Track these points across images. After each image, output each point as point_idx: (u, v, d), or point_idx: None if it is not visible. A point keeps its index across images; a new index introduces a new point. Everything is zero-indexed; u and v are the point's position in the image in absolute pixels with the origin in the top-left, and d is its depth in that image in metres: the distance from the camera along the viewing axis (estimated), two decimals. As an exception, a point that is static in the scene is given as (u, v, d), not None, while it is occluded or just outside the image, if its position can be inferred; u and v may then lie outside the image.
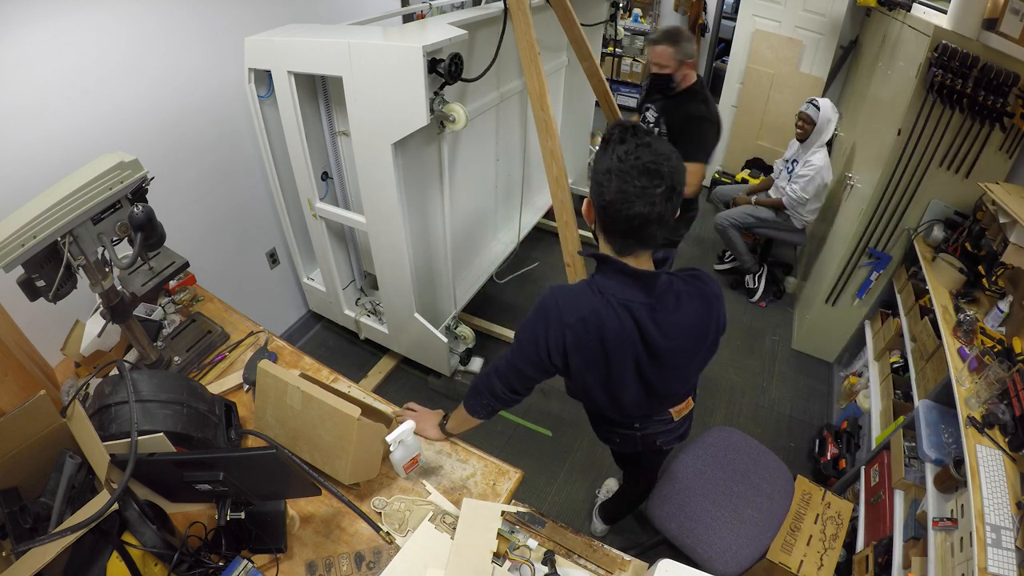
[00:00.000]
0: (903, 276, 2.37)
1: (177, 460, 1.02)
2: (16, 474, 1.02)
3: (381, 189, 1.90)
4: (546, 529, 1.25)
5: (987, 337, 1.73)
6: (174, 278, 1.51)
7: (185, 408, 1.24)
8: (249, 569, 1.06)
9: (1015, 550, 1.25)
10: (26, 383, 1.29)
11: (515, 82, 2.62)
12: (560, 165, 2.04)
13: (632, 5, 5.30)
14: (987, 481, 1.38)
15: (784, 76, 3.63)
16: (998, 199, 1.78)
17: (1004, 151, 2.02)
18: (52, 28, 1.49)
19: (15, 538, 0.93)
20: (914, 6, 2.49)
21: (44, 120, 1.53)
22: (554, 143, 2.01)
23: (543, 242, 3.66)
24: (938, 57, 1.95)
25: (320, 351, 2.83)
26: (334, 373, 1.62)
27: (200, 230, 2.17)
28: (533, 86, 1.93)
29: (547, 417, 2.55)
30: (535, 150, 3.23)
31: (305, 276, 2.66)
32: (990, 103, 1.92)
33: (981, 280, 1.92)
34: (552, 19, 2.55)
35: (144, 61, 1.75)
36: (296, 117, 1.94)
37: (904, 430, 1.85)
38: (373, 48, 1.63)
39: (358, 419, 1.17)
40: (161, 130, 1.88)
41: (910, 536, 1.60)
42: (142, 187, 1.26)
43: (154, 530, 0.99)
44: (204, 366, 1.62)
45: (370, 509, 1.25)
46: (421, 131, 1.74)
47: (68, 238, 1.15)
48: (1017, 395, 1.46)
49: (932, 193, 2.23)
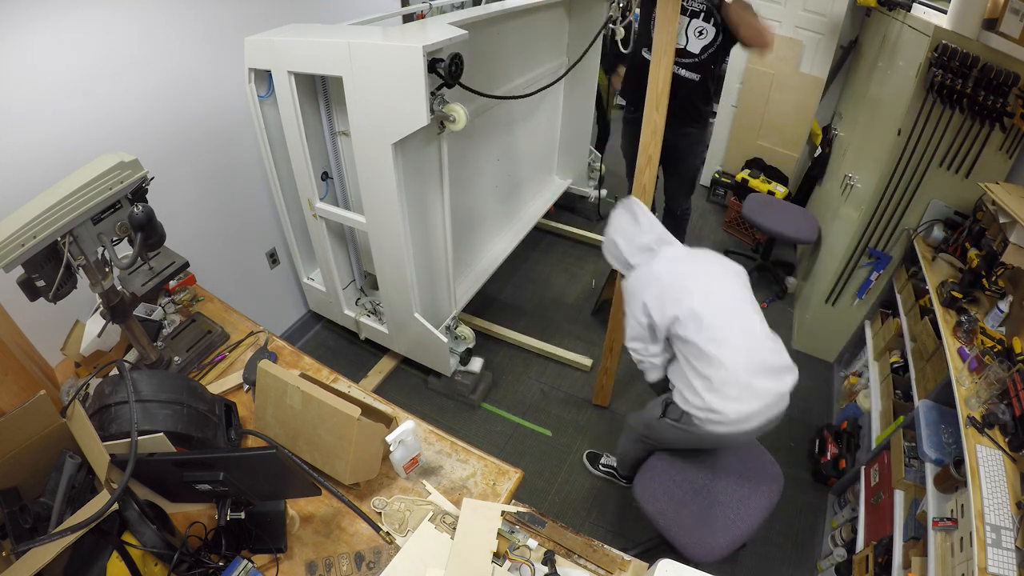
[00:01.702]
0: (903, 276, 2.37)
1: (177, 460, 1.02)
2: (16, 474, 1.02)
3: (381, 189, 1.90)
4: (546, 529, 1.25)
5: (987, 337, 1.73)
6: (174, 278, 1.51)
7: (185, 408, 1.24)
8: (249, 569, 1.07)
9: (1015, 550, 1.25)
10: (26, 383, 1.29)
11: (516, 81, 2.62)
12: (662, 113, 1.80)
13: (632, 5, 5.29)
14: (987, 481, 1.38)
15: (784, 76, 3.63)
16: (998, 199, 1.78)
17: (1004, 151, 2.02)
18: (53, 28, 1.49)
19: (15, 538, 0.93)
20: (914, 6, 2.49)
21: (44, 120, 1.53)
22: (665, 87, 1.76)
23: (543, 242, 3.66)
24: (938, 57, 1.95)
25: (320, 351, 2.83)
26: (334, 373, 1.62)
27: (200, 230, 2.17)
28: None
29: (547, 417, 2.55)
30: (535, 150, 3.24)
31: (305, 276, 2.66)
32: (990, 103, 1.92)
33: (981, 280, 1.92)
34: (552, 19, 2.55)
35: (144, 61, 1.75)
36: (296, 117, 1.94)
37: (904, 430, 1.85)
38: (373, 48, 1.63)
39: (358, 419, 1.17)
40: (161, 130, 1.88)
41: (910, 536, 1.60)
42: (142, 187, 1.26)
43: (154, 530, 0.99)
44: (204, 366, 1.62)
45: (370, 509, 1.25)
46: (421, 131, 1.74)
47: (68, 238, 1.15)
48: (1017, 395, 1.46)
49: (932, 193, 2.23)
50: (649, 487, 1.69)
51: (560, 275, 3.39)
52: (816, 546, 2.14)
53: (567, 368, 2.77)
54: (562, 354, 2.78)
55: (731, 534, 1.59)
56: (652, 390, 1.92)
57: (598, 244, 3.63)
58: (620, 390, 2.66)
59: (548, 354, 2.80)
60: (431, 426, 1.47)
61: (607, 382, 2.50)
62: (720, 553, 1.56)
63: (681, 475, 1.70)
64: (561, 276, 3.40)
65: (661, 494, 1.66)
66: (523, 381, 2.71)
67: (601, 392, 2.54)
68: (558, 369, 2.78)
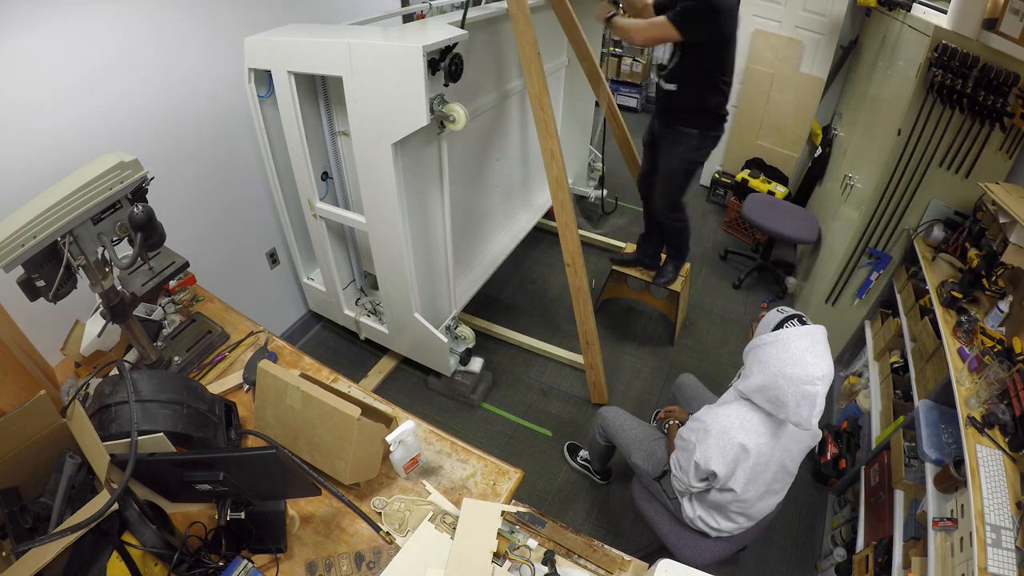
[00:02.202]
0: (903, 276, 2.37)
1: (177, 460, 1.02)
2: (16, 474, 1.02)
3: (381, 189, 1.90)
4: (546, 529, 1.25)
5: (987, 337, 1.73)
6: (174, 278, 1.51)
7: (185, 408, 1.24)
8: (249, 569, 1.07)
9: (1015, 550, 1.25)
10: (26, 383, 1.29)
11: (515, 82, 2.62)
12: (560, 165, 2.04)
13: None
14: (987, 481, 1.38)
15: (784, 76, 3.63)
16: (998, 199, 1.78)
17: (1004, 151, 2.02)
18: (53, 28, 1.49)
19: (15, 538, 0.93)
20: (914, 6, 2.49)
21: (45, 120, 1.53)
22: (554, 143, 2.01)
23: (543, 242, 3.66)
24: (938, 57, 1.95)
25: (320, 351, 2.84)
26: (334, 373, 1.62)
27: (200, 230, 2.17)
28: (533, 86, 1.94)
29: (547, 417, 2.55)
30: (535, 150, 3.23)
31: (305, 276, 2.66)
32: (990, 103, 1.91)
33: (981, 280, 1.92)
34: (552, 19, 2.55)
35: (145, 61, 1.75)
36: (296, 117, 1.94)
37: (904, 430, 1.85)
38: (373, 48, 1.63)
39: (358, 419, 1.17)
40: (161, 130, 1.88)
41: (910, 536, 1.60)
42: (142, 187, 1.26)
43: (154, 530, 0.99)
44: (204, 366, 1.62)
45: (370, 509, 1.25)
46: (421, 131, 1.74)
47: (68, 238, 1.15)
48: (1017, 395, 1.46)
49: (932, 193, 2.23)
50: (647, 491, 1.68)
51: (560, 275, 3.39)
52: (816, 546, 2.14)
53: (567, 368, 2.77)
54: (562, 354, 2.78)
55: (732, 539, 1.58)
56: None
57: (598, 244, 3.65)
58: (621, 389, 2.67)
59: (548, 354, 2.81)
60: (431, 426, 1.47)
61: (597, 378, 2.50)
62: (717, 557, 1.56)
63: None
64: (561, 276, 3.39)
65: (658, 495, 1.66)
66: (523, 381, 2.71)
67: (596, 390, 2.54)
68: (558, 369, 2.78)
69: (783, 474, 1.47)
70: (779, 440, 1.38)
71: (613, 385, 2.67)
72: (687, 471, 1.42)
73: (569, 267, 2.25)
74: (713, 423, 1.37)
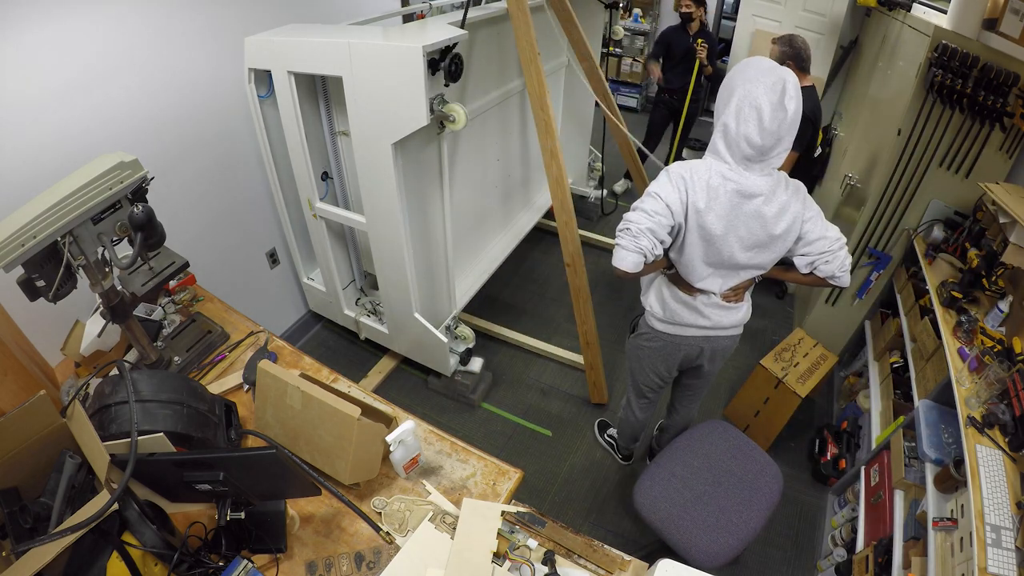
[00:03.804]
0: (903, 276, 2.37)
1: (177, 460, 1.02)
2: (16, 474, 1.02)
3: (381, 189, 1.90)
4: (546, 529, 1.25)
5: (987, 337, 1.73)
6: (174, 278, 1.51)
7: (185, 408, 1.24)
8: (249, 569, 1.07)
9: (1015, 550, 1.25)
10: (26, 383, 1.29)
11: (515, 82, 2.62)
12: (560, 165, 2.04)
13: (632, 5, 5.31)
14: (987, 481, 1.38)
15: (784, 76, 3.63)
16: (998, 199, 1.78)
17: (1004, 151, 2.02)
18: (53, 28, 1.49)
19: (15, 538, 0.93)
20: (914, 6, 2.49)
21: (44, 120, 1.53)
22: (554, 143, 2.01)
23: (543, 242, 3.66)
24: (938, 57, 1.95)
25: (320, 351, 2.84)
26: (334, 373, 1.62)
27: (200, 230, 2.17)
28: (533, 86, 1.94)
29: (547, 417, 2.55)
30: (535, 150, 3.24)
31: (305, 276, 2.66)
32: (990, 103, 1.91)
33: (981, 280, 1.92)
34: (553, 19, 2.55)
35: (145, 61, 1.75)
36: (296, 117, 1.94)
37: (904, 430, 1.85)
38: (373, 48, 1.63)
39: (358, 419, 1.17)
40: (161, 130, 1.88)
41: (910, 536, 1.60)
42: (142, 187, 1.26)
43: (154, 530, 0.99)
44: (204, 366, 1.62)
45: (370, 509, 1.25)
46: (421, 131, 1.74)
47: (68, 238, 1.15)
48: (1017, 395, 1.45)
49: (932, 193, 2.23)
50: (649, 495, 1.66)
51: (560, 275, 3.39)
52: (816, 546, 2.14)
53: (567, 368, 2.77)
54: (562, 354, 2.78)
55: (736, 538, 1.57)
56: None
57: (598, 244, 3.64)
58: (621, 389, 2.67)
59: (548, 354, 2.81)
60: (431, 426, 1.47)
61: (597, 378, 2.50)
62: (727, 558, 1.55)
63: (681, 482, 1.67)
64: (561, 276, 3.39)
65: (662, 501, 1.63)
66: (523, 381, 2.71)
67: (595, 390, 2.54)
68: (558, 369, 2.78)
69: (755, 224, 1.39)
70: (739, 176, 1.35)
71: (613, 385, 2.67)
72: (636, 207, 1.43)
73: (569, 267, 2.25)
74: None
